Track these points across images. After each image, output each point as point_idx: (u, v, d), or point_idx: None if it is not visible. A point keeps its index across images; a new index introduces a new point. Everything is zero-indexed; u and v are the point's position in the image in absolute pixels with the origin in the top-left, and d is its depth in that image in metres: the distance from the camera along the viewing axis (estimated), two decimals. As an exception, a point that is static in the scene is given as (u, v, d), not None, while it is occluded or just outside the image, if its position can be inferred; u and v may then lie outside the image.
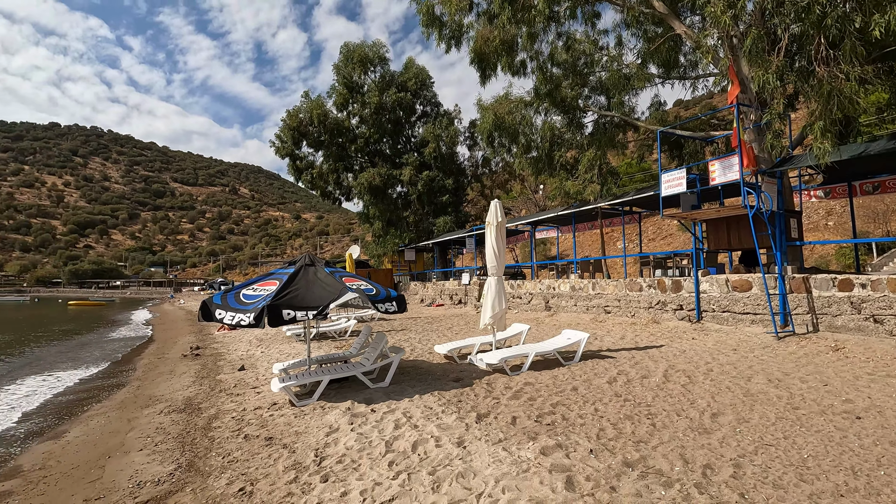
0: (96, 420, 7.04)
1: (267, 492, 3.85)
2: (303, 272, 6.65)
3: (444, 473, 3.78)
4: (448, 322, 15.42)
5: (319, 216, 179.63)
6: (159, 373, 10.55)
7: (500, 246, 8.05)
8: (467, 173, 32.33)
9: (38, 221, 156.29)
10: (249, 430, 5.45)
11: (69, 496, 4.33)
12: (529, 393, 5.96)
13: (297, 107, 28.07)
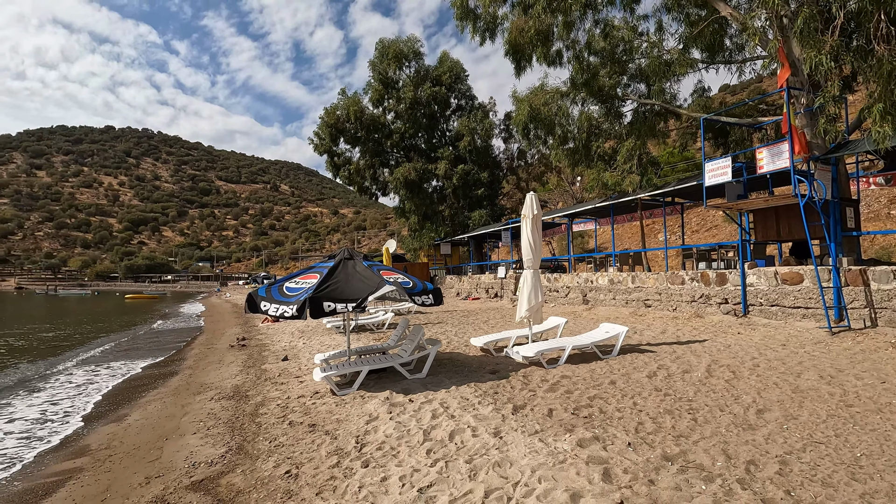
0: (154, 405, 7.50)
1: (311, 475, 4.03)
2: (342, 266, 6.85)
3: (481, 462, 3.84)
4: (484, 315, 15.45)
5: (357, 211, 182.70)
6: (209, 362, 11.09)
7: (535, 239, 8.01)
8: (503, 166, 32.11)
9: (96, 220, 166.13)
10: (294, 417, 5.69)
11: (132, 474, 4.66)
12: (566, 386, 5.94)
13: (334, 104, 28.65)
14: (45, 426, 6.96)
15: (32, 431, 6.73)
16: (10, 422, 7.27)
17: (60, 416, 7.47)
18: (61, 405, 8.17)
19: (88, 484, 4.60)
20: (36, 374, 11.04)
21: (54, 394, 9.03)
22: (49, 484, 4.70)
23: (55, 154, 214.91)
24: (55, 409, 7.91)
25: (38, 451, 5.85)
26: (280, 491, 3.81)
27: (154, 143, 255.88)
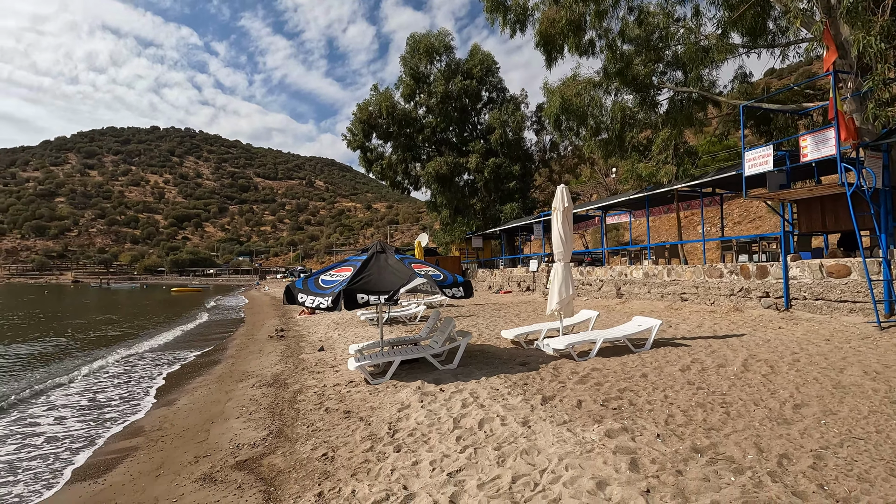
0: (200, 391, 7.94)
1: (346, 458, 4.23)
2: (375, 259, 7.04)
3: (509, 450, 3.94)
4: (515, 309, 15.46)
5: (389, 206, 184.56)
6: (249, 352, 11.59)
7: (566, 232, 7.98)
8: (534, 158, 31.79)
9: (144, 216, 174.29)
10: (330, 404, 5.93)
11: (182, 453, 5.00)
12: (596, 378, 5.94)
13: (366, 100, 29.04)
14: (104, 409, 7.48)
15: (93, 413, 7.25)
16: (70, 407, 7.84)
17: (117, 400, 8.01)
18: (118, 391, 8.74)
19: (143, 461, 4.96)
20: (95, 360, 11.81)
21: (111, 381, 9.66)
22: (109, 460, 5.10)
23: (106, 154, 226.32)
24: (113, 395, 8.47)
25: (97, 431, 6.32)
26: (318, 472, 4.02)
27: (196, 141, 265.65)
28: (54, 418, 7.05)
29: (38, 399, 8.17)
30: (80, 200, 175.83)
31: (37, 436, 6.25)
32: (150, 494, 4.06)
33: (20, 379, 9.83)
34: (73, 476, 4.80)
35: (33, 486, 4.64)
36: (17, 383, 9.39)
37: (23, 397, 8.26)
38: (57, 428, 6.58)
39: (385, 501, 3.33)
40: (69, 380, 9.60)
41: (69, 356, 12.71)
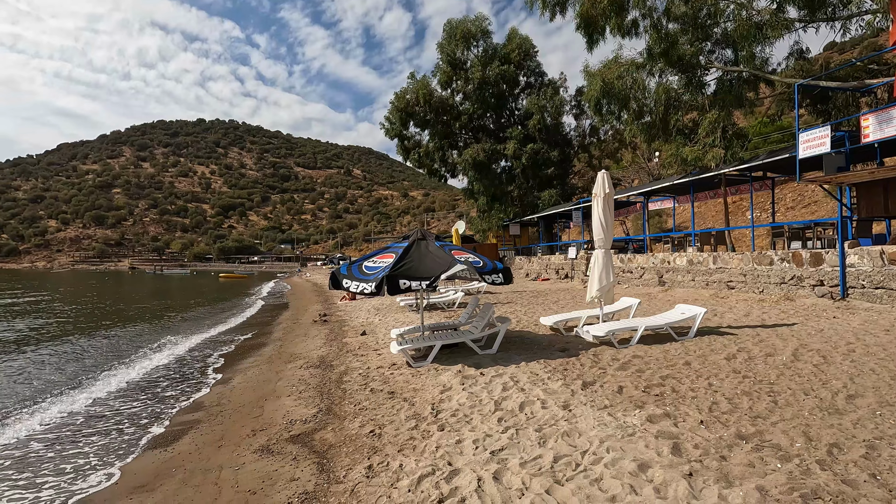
0: (252, 371, 8.41)
1: (392, 435, 4.44)
2: (415, 246, 7.21)
3: (550, 431, 4.03)
4: (553, 296, 15.38)
5: (426, 193, 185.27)
6: (295, 335, 12.09)
7: (607, 218, 7.90)
8: (574, 144, 31.16)
9: (192, 206, 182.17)
10: (374, 385, 6.18)
11: (240, 426, 5.36)
12: (637, 365, 5.92)
13: (404, 88, 29.17)
14: (168, 387, 8.05)
15: (158, 390, 7.82)
16: (146, 385, 8.47)
17: (178, 378, 8.58)
18: (180, 370, 9.35)
19: (206, 433, 5.35)
20: (160, 342, 12.64)
21: (175, 360, 10.34)
22: (176, 431, 5.53)
23: (157, 147, 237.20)
24: (176, 374, 9.08)
25: (163, 407, 6.83)
26: (366, 447, 4.24)
27: (239, 133, 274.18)
28: (127, 395, 7.64)
29: (113, 377, 8.85)
30: (134, 191, 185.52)
31: (115, 410, 6.82)
32: (214, 462, 4.41)
33: (96, 360, 10.66)
34: (147, 443, 5.24)
35: (117, 452, 5.10)
36: (94, 362, 10.20)
37: (101, 375, 8.98)
38: (132, 403, 7.15)
39: (431, 476, 3.50)
40: (144, 357, 10.35)
41: (140, 338, 13.63)
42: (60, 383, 8.32)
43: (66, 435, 5.73)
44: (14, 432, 5.87)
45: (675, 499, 2.86)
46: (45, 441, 5.56)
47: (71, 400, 7.25)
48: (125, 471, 4.55)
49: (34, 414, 6.59)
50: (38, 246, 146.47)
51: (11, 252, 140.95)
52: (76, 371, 9.28)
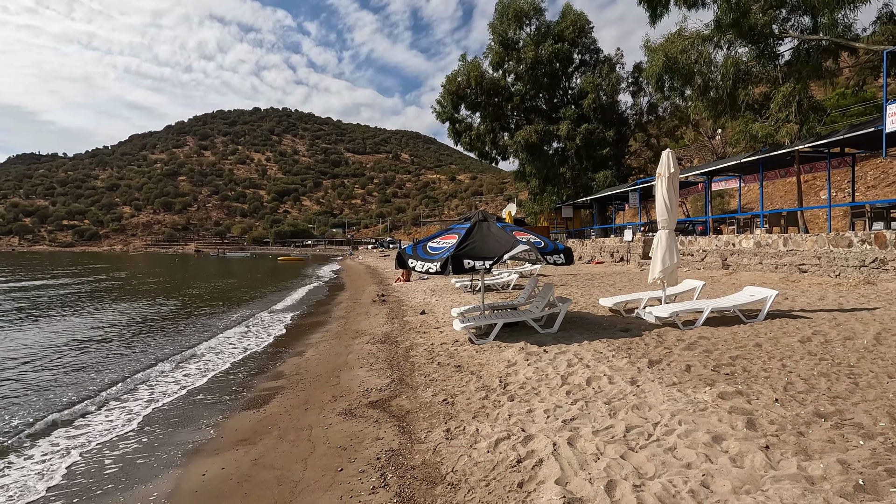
0: (323, 345, 8.97)
1: (465, 403, 4.71)
2: (478, 227, 7.41)
3: (619, 404, 4.16)
4: (609, 279, 15.19)
5: (473, 177, 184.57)
6: (357, 314, 12.67)
7: (671, 198, 7.76)
8: (630, 123, 30.05)
9: (250, 192, 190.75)
10: (440, 359, 6.49)
11: (321, 393, 5.82)
12: (704, 346, 5.89)
13: (455, 71, 29.07)
14: (249, 359, 8.75)
15: (241, 363, 8.52)
16: (218, 354, 9.25)
17: (253, 350, 9.28)
18: (254, 342, 10.10)
19: (291, 398, 5.86)
20: (237, 318, 13.64)
21: (249, 334, 11.16)
22: (264, 395, 6.08)
23: (216, 136, 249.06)
24: (250, 345, 9.82)
25: (246, 376, 7.46)
26: (441, 413, 4.54)
27: (292, 120, 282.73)
28: (215, 364, 8.40)
29: (202, 347, 9.71)
30: (197, 178, 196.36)
31: (203, 376, 7.53)
32: (304, 422, 4.86)
33: (184, 335, 11.69)
34: (241, 405, 5.81)
35: (221, 411, 5.70)
36: (185, 338, 11.20)
37: (188, 345, 9.88)
38: (217, 371, 7.86)
39: (507, 440, 3.73)
40: (223, 331, 11.27)
41: (216, 315, 14.75)
42: (170, 351, 9.23)
43: (186, 395, 6.44)
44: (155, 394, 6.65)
45: (751, 468, 2.94)
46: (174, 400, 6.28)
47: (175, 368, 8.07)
48: (226, 427, 5.10)
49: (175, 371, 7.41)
50: (115, 231, 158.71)
51: (93, 236, 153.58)
52: (175, 342, 10.24)
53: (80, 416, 5.75)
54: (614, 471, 3.04)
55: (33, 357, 8.87)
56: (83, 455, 4.64)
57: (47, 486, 4.05)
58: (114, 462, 4.45)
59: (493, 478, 3.22)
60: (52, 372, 7.84)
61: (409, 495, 3.18)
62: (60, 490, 3.98)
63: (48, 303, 17.45)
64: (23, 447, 4.87)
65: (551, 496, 2.85)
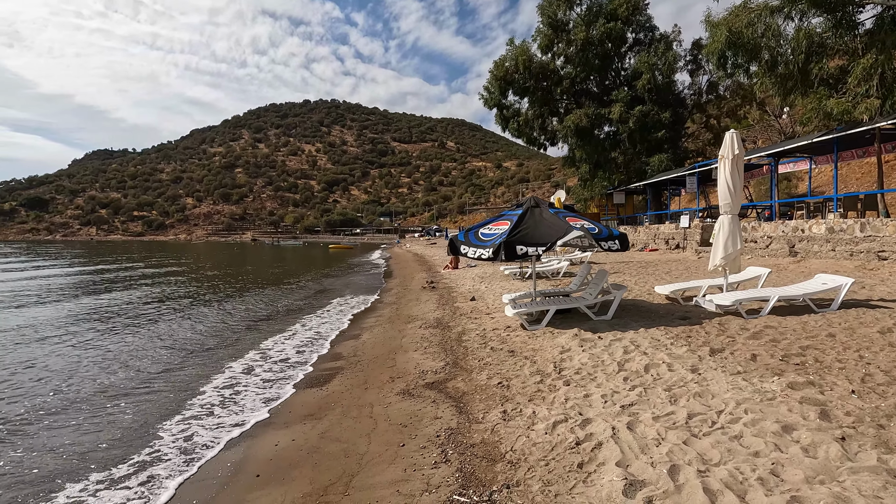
0: (377, 329, 9.27)
1: (520, 387, 4.78)
2: (530, 213, 7.37)
3: (680, 392, 4.09)
4: (664, 266, 14.69)
5: (520, 163, 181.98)
6: (408, 300, 12.95)
7: (735, 181, 7.39)
8: (687, 103, 28.59)
9: (301, 182, 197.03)
10: (493, 344, 6.57)
11: (379, 374, 6.06)
12: (771, 335, 5.64)
13: (502, 56, 28.61)
14: (308, 342, 9.18)
15: (304, 343, 8.96)
16: (289, 337, 9.75)
17: (313, 332, 9.72)
18: (313, 324, 10.57)
19: (350, 377, 6.13)
20: (296, 301, 14.29)
21: (307, 317, 11.69)
22: (325, 375, 6.39)
23: (269, 129, 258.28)
24: (310, 328, 10.29)
25: (306, 357, 7.85)
26: (497, 396, 4.63)
27: (340, 111, 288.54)
28: (279, 345, 8.88)
29: (266, 327, 10.28)
30: (252, 170, 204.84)
31: (270, 357, 7.98)
32: (365, 400, 5.09)
33: (254, 315, 12.39)
34: (303, 383, 6.15)
35: (282, 387, 6.07)
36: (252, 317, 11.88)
37: (255, 328, 10.49)
38: (287, 352, 8.32)
39: (564, 423, 3.77)
40: (279, 314, 11.87)
41: (278, 299, 15.52)
42: (239, 334, 9.86)
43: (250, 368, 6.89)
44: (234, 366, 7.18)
45: (825, 459, 2.83)
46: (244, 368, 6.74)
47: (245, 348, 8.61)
48: (293, 402, 5.42)
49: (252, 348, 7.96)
50: (180, 220, 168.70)
51: (160, 226, 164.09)
52: (243, 325, 10.89)
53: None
54: (677, 456, 3.02)
55: (173, 343, 9.71)
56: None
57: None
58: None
59: (552, 458, 3.27)
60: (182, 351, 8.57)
61: (469, 471, 3.30)
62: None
63: (170, 294, 18.95)
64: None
65: (612, 477, 2.88)
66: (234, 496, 3.53)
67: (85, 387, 6.33)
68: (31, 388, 6.27)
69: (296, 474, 3.69)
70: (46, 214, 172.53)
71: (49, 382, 6.52)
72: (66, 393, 6.09)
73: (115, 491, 3.75)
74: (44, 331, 10.02)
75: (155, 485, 3.81)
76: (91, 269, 28.66)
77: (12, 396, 5.97)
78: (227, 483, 3.75)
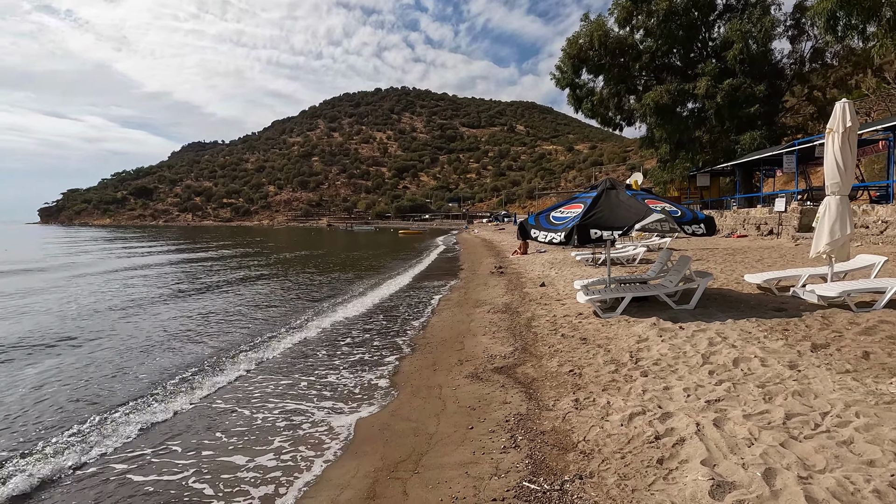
0: (446, 313, 9.34)
1: (593, 376, 4.59)
2: (605, 195, 7.01)
3: (776, 389, 3.71)
4: (755, 254, 13.49)
5: (592, 146, 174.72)
6: (476, 284, 12.93)
7: (846, 159, 6.54)
8: (786, 74, 25.77)
9: (373, 169, 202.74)
10: (564, 331, 6.37)
11: (447, 357, 6.09)
12: (888, 331, 4.98)
13: (576, 33, 27.31)
14: (380, 321, 9.47)
15: (373, 323, 9.26)
16: (357, 316, 10.12)
17: (387, 317, 9.99)
18: (387, 311, 10.87)
19: (419, 360, 6.23)
20: (365, 287, 14.84)
21: (380, 301, 12.06)
22: (394, 354, 6.54)
23: (343, 118, 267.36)
24: (382, 312, 10.59)
25: (384, 340, 8.08)
26: (569, 384, 4.48)
27: (410, 98, 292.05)
28: (350, 326, 9.24)
29: (335, 314, 10.75)
30: (327, 158, 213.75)
31: (347, 337, 8.32)
32: (434, 382, 5.14)
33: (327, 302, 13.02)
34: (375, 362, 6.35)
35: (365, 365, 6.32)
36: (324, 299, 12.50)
37: (335, 308, 11.01)
38: (356, 332, 8.64)
39: (642, 415, 3.56)
40: (361, 296, 12.36)
41: (352, 282, 16.19)
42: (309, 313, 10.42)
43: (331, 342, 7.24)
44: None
45: (963, 475, 2.44)
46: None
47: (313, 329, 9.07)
48: (363, 380, 5.61)
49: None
50: (262, 207, 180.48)
51: (245, 212, 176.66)
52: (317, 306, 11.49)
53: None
54: (773, 458, 2.74)
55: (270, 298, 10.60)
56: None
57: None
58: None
59: (628, 451, 3.10)
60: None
61: (540, 458, 3.22)
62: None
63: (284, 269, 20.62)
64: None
65: (697, 476, 2.67)
66: (312, 469, 3.70)
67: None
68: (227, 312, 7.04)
69: (367, 449, 3.81)
70: (150, 202, 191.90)
71: (235, 306, 7.38)
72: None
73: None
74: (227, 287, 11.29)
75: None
76: (233, 252, 31.62)
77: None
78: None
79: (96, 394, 5.43)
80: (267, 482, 3.52)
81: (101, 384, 5.76)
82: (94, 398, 5.29)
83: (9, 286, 14.64)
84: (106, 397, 5.32)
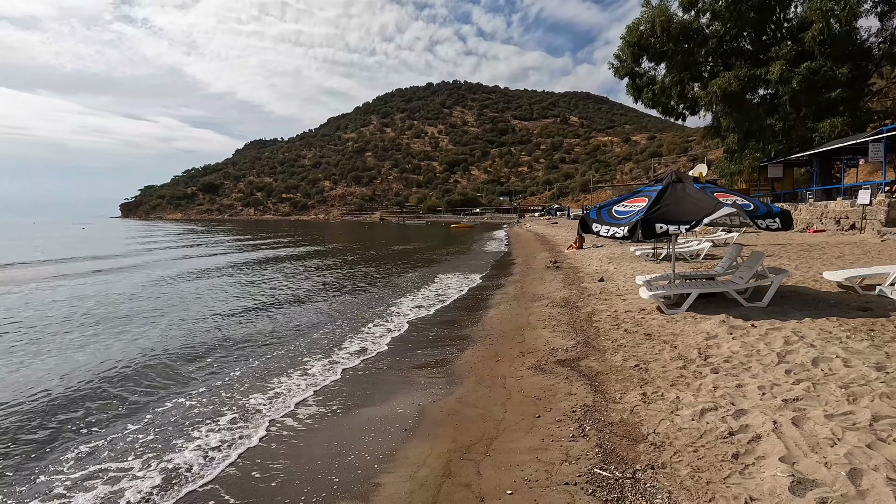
0: (503, 306, 9.44)
1: (659, 371, 4.56)
2: (671, 189, 6.83)
3: (861, 390, 3.57)
4: (833, 250, 12.62)
5: (651, 137, 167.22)
6: (532, 279, 12.91)
7: (946, 146, 6.03)
8: (874, 55, 23.62)
9: (424, 164, 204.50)
10: (627, 326, 6.32)
11: (509, 348, 6.21)
12: None
13: (636, 19, 26.23)
14: (441, 311, 9.72)
15: (433, 312, 9.53)
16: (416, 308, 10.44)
17: (449, 307, 10.24)
18: (441, 297, 11.13)
19: (481, 350, 6.38)
20: (427, 278, 15.20)
21: (437, 290, 12.34)
22: (457, 346, 6.74)
23: (395, 113, 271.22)
24: (440, 302, 10.86)
25: (438, 325, 8.32)
26: (634, 378, 4.48)
27: (461, 92, 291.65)
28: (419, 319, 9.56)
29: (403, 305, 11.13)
30: (380, 153, 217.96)
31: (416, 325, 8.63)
32: (497, 372, 5.29)
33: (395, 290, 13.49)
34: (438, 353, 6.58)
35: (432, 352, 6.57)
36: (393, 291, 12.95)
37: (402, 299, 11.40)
38: (423, 328, 8.93)
39: (714, 411, 3.54)
40: (420, 289, 12.72)
41: (412, 278, 16.64)
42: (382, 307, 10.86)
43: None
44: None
45: None
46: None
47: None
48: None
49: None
50: (319, 202, 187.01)
51: (302, 207, 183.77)
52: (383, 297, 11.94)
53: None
54: (858, 459, 2.68)
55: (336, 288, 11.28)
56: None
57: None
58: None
59: (701, 445, 3.12)
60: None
61: (610, 448, 3.29)
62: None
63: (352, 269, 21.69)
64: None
65: (775, 472, 2.66)
66: (389, 447, 3.94)
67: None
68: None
69: (438, 432, 4.02)
70: (217, 197, 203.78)
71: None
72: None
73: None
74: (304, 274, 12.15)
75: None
76: (312, 249, 33.48)
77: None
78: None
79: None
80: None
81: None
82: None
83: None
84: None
